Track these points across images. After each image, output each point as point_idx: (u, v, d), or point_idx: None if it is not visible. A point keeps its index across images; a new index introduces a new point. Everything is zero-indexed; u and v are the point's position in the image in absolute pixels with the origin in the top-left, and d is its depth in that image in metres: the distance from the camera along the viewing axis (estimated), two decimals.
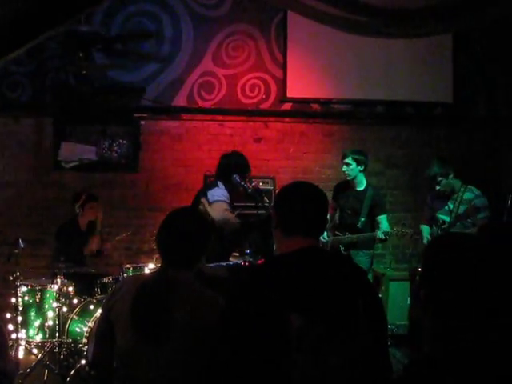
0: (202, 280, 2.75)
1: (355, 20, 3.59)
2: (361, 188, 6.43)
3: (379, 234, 6.20)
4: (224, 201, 5.34)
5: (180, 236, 2.72)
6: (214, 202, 5.32)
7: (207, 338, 2.41)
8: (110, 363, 2.69)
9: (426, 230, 6.53)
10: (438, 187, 6.22)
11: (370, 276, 7.50)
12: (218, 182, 5.50)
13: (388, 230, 6.27)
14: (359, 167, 6.33)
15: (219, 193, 5.38)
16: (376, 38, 5.85)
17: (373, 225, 6.44)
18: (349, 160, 6.29)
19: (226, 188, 5.45)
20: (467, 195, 6.19)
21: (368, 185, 6.48)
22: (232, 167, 5.53)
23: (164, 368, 2.54)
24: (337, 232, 6.51)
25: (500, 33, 7.77)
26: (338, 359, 2.14)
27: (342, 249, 6.41)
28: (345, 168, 6.34)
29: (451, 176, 6.19)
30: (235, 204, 5.70)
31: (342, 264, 2.45)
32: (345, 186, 6.55)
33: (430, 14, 3.61)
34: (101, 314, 2.87)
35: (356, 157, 6.29)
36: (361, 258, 6.32)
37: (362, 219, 6.34)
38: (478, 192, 6.21)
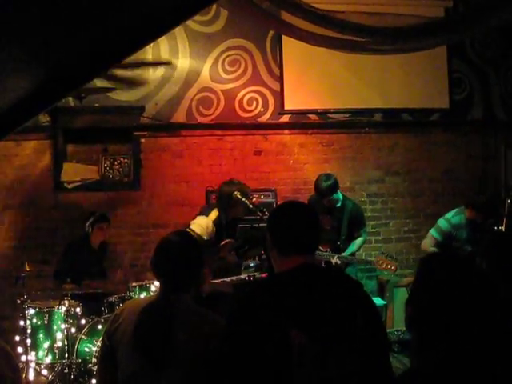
0: (200, 301, 2.79)
1: (347, 39, 3.66)
2: (338, 204, 6.25)
3: (333, 260, 6.01)
4: (193, 231, 5.09)
5: (177, 261, 2.76)
6: (188, 228, 5.15)
7: (209, 359, 2.44)
8: None
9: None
10: None
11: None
12: (213, 211, 5.35)
13: (353, 248, 6.23)
14: (339, 191, 6.20)
15: (199, 222, 5.20)
16: (368, 55, 5.89)
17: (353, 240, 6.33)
18: (333, 197, 6.11)
19: (220, 218, 5.25)
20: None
21: (344, 199, 6.33)
22: (228, 197, 5.35)
23: None
24: (320, 247, 6.12)
25: (493, 36, 7.83)
26: (339, 374, 2.18)
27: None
28: (329, 204, 6.17)
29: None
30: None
31: (339, 278, 2.51)
32: (320, 202, 6.24)
33: (421, 31, 3.67)
34: (102, 341, 2.89)
35: (333, 186, 6.09)
36: (349, 269, 6.26)
37: (343, 237, 6.23)
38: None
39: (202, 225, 5.16)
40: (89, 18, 1.74)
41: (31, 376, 5.50)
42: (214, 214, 5.34)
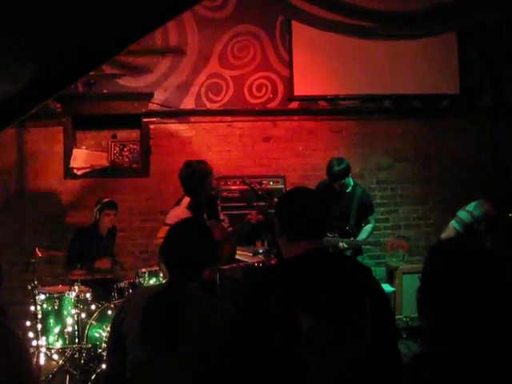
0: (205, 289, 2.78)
1: (356, 24, 3.64)
2: (348, 190, 6.19)
3: (341, 244, 5.93)
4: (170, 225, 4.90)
5: (188, 250, 2.76)
6: (164, 225, 4.99)
7: (217, 347, 2.45)
8: (123, 376, 2.73)
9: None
10: None
11: None
12: (184, 199, 5.23)
13: (363, 236, 6.13)
14: (350, 176, 6.13)
15: (174, 214, 5.05)
16: (377, 40, 5.84)
17: (361, 226, 6.26)
18: (345, 181, 6.05)
19: (195, 202, 5.15)
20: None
21: (355, 184, 6.25)
22: (193, 178, 5.24)
23: (176, 378, 2.59)
24: (328, 233, 6.00)
25: (505, 21, 7.77)
26: (347, 357, 2.20)
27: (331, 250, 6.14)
28: (340, 188, 6.09)
29: None
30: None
31: (348, 264, 2.52)
32: (330, 186, 6.17)
33: (431, 15, 3.65)
34: (111, 328, 2.89)
35: (345, 169, 6.02)
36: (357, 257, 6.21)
37: (352, 222, 6.17)
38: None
39: (177, 215, 4.88)
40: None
41: (42, 361, 5.56)
42: (185, 201, 5.23)
